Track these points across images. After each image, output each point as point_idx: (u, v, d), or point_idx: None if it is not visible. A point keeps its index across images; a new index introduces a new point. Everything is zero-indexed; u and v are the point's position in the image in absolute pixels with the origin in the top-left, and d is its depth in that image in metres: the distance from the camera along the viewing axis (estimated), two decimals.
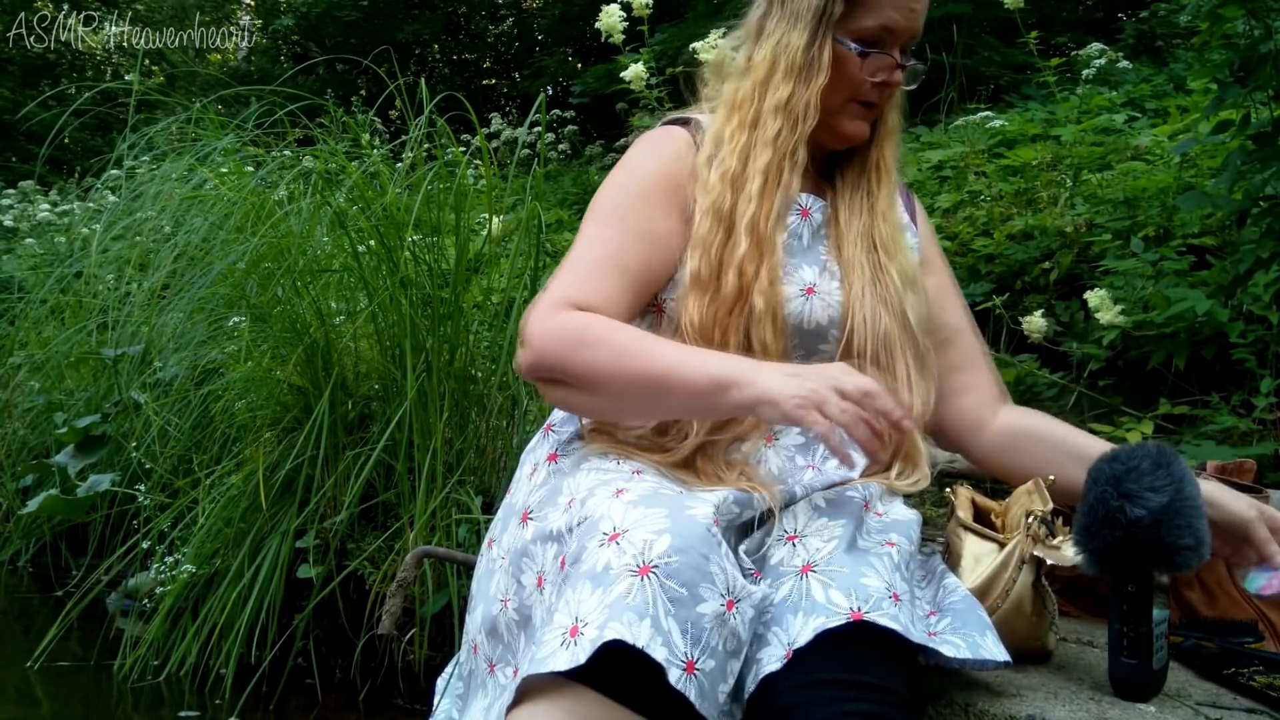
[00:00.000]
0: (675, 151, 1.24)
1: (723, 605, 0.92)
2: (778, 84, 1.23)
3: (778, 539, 1.07)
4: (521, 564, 1.06)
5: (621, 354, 1.09)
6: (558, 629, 0.90)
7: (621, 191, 1.23)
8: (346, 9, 9.23)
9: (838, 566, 1.00)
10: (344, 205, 2.37)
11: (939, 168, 3.58)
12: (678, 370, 1.08)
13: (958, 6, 5.45)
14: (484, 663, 1.09)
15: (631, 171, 1.24)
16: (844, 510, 1.10)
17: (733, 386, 1.05)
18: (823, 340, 1.22)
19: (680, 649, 0.88)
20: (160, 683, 2.08)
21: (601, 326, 1.12)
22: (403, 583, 1.60)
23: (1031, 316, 2.24)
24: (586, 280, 1.16)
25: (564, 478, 1.12)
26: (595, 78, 5.94)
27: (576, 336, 1.11)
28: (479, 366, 2.26)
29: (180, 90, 7.61)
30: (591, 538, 0.95)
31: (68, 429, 2.92)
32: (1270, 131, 1.92)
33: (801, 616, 0.96)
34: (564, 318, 1.13)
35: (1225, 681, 1.19)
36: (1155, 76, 4.45)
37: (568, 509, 1.04)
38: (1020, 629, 1.18)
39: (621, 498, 0.98)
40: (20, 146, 9.59)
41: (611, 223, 1.20)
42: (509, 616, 1.06)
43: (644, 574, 0.90)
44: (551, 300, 1.15)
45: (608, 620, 0.87)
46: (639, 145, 1.27)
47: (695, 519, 0.95)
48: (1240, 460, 1.53)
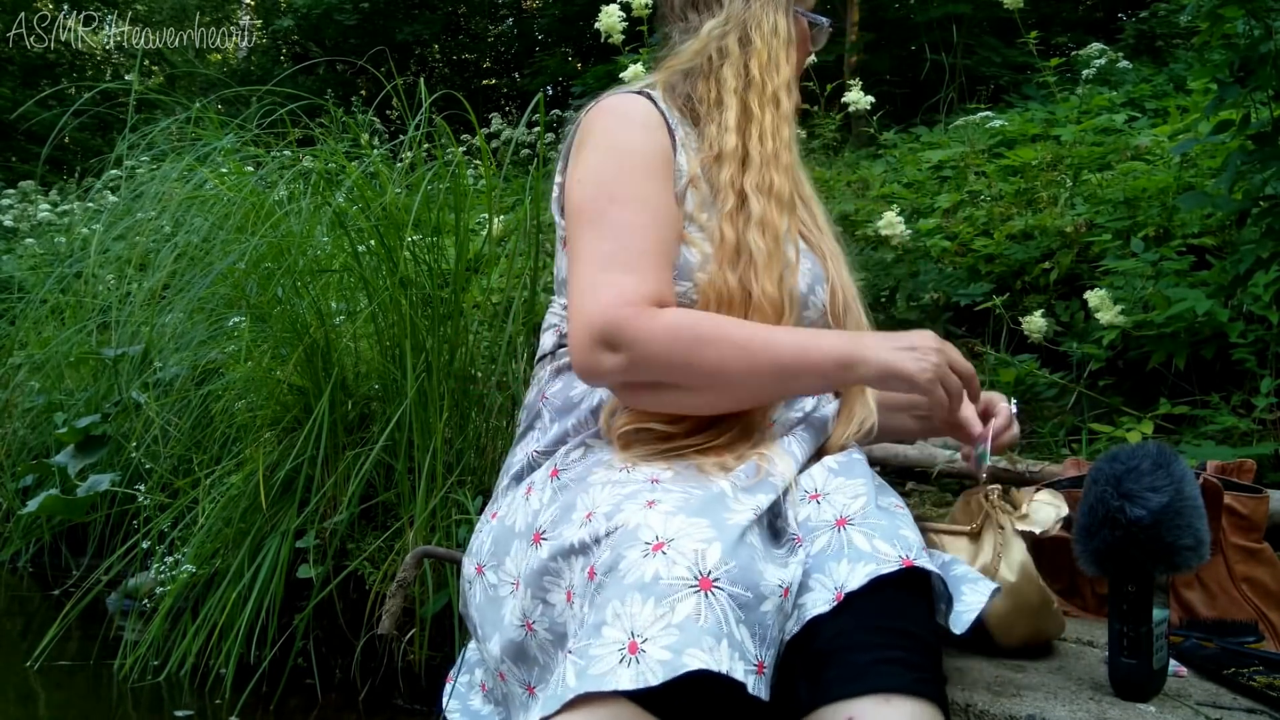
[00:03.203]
0: (652, 121, 1.22)
1: (780, 596, 0.94)
2: (780, 64, 1.26)
3: (800, 499, 1.09)
4: (544, 583, 1.03)
5: (741, 348, 1.09)
6: (611, 644, 0.88)
7: (631, 171, 1.18)
8: (346, 13, 9.23)
9: (875, 519, 1.03)
10: (344, 205, 2.37)
11: (939, 168, 3.58)
12: (803, 358, 1.09)
13: (958, 6, 5.46)
14: (518, 687, 1.07)
15: (624, 147, 1.20)
16: (857, 470, 1.12)
17: (858, 364, 1.08)
18: (804, 308, 1.24)
19: (752, 654, 0.90)
20: (160, 683, 2.08)
21: (711, 323, 1.11)
22: (403, 583, 1.60)
23: (1031, 316, 2.24)
24: (650, 273, 1.12)
25: (573, 493, 1.09)
26: (595, 78, 5.94)
27: (692, 335, 1.09)
28: (479, 366, 2.26)
29: (180, 90, 7.61)
30: (631, 547, 0.94)
31: (68, 429, 2.92)
32: (1270, 131, 1.92)
33: (847, 563, 0.98)
34: (669, 318, 1.09)
35: (1225, 681, 1.19)
36: (1155, 76, 4.46)
37: (586, 522, 1.01)
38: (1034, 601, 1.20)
39: (656, 509, 0.97)
40: (20, 146, 9.60)
41: (636, 205, 1.16)
42: (540, 638, 1.03)
43: (706, 589, 0.90)
44: (635, 298, 1.10)
45: (684, 646, 0.86)
46: (615, 118, 1.23)
47: (738, 524, 0.96)
48: (1240, 460, 1.54)
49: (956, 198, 3.11)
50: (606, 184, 1.18)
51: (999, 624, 1.23)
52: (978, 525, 1.27)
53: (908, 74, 6.09)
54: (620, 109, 1.23)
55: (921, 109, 4.58)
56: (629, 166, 1.19)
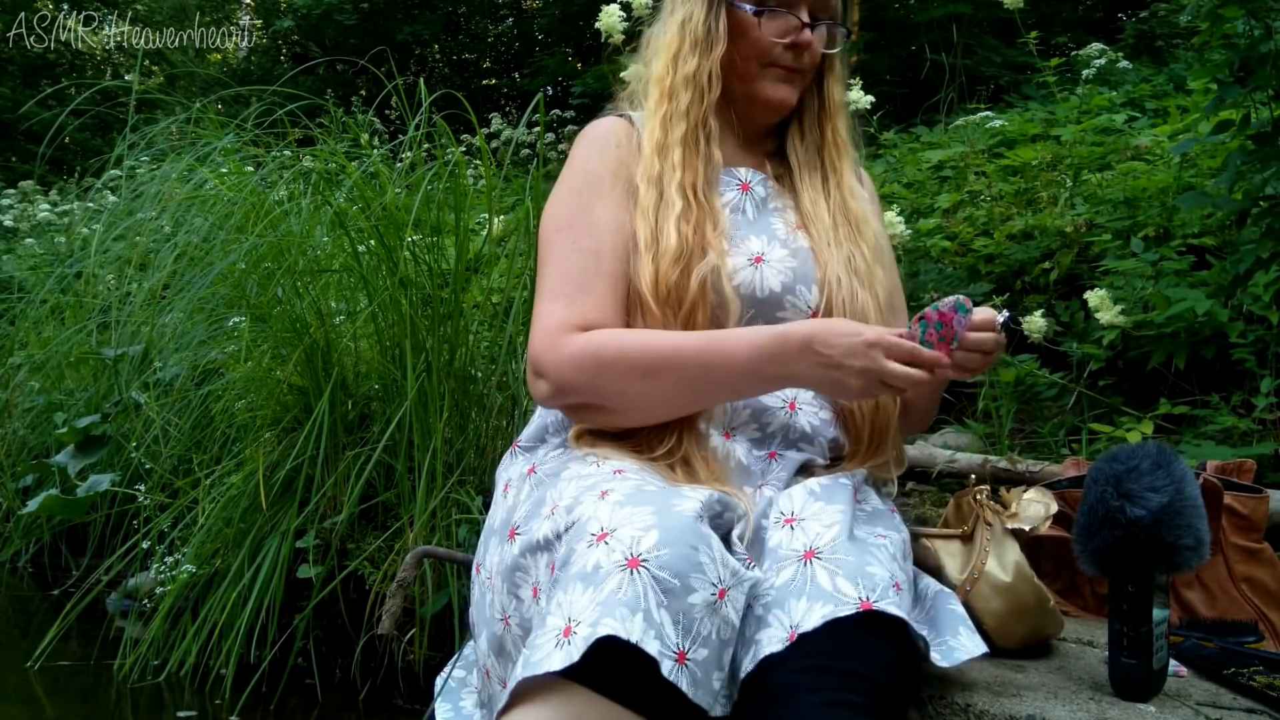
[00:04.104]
0: (614, 139, 1.26)
1: (714, 595, 0.92)
2: (685, 56, 1.26)
3: (775, 522, 1.08)
4: (515, 579, 1.05)
5: (644, 371, 1.10)
6: (551, 631, 0.90)
7: (577, 195, 1.23)
8: (346, 13, 9.23)
9: (843, 555, 1.01)
10: (344, 205, 2.37)
11: (939, 168, 3.57)
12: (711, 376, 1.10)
13: (958, 6, 5.46)
14: (498, 685, 1.09)
15: (580, 172, 1.25)
16: (839, 496, 1.10)
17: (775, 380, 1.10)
18: (778, 307, 1.22)
19: (672, 640, 0.89)
20: (160, 683, 2.08)
21: (613, 345, 1.12)
22: (403, 583, 1.60)
23: (1031, 316, 2.24)
24: (577, 297, 1.16)
25: (545, 488, 1.11)
26: (595, 78, 5.94)
27: (594, 362, 1.12)
28: (479, 366, 2.26)
29: (180, 90, 7.61)
30: (580, 540, 0.95)
31: (68, 429, 2.92)
32: (1270, 131, 1.92)
33: (806, 601, 0.96)
34: (576, 345, 1.13)
35: (1225, 681, 1.19)
36: (1155, 76, 4.46)
37: (551, 516, 1.03)
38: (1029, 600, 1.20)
39: (607, 499, 0.98)
40: (20, 146, 9.60)
41: (579, 229, 1.20)
42: (514, 634, 1.05)
43: (633, 567, 0.90)
44: (554, 327, 1.14)
45: (600, 617, 0.87)
46: (581, 145, 1.28)
47: (683, 513, 0.95)
48: (1240, 460, 1.54)
49: (956, 198, 3.11)
50: (556, 213, 1.23)
51: (996, 625, 1.23)
52: (969, 528, 1.27)
53: (908, 74, 6.09)
54: (585, 134, 1.29)
55: (921, 109, 4.58)
56: (577, 192, 1.23)
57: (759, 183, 1.30)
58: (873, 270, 1.26)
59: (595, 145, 1.26)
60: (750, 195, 1.28)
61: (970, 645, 1.08)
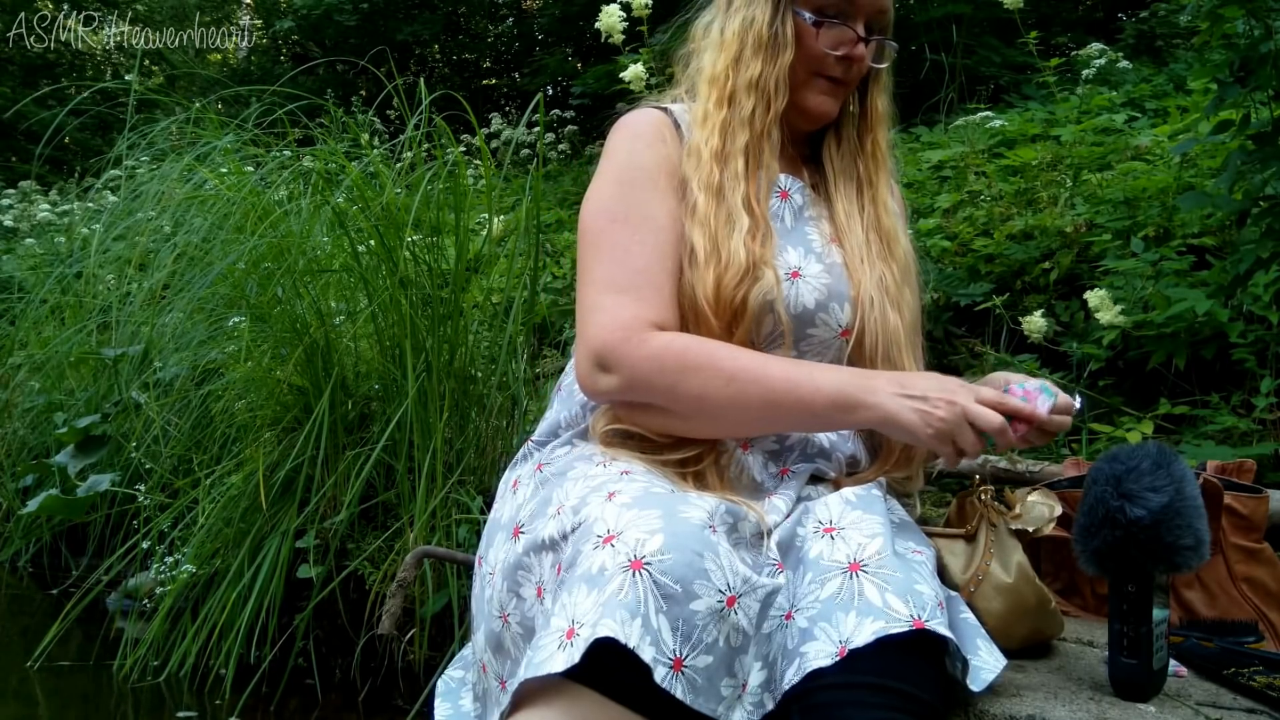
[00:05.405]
0: (660, 134, 1.24)
1: (720, 601, 0.91)
2: (748, 60, 1.23)
3: (814, 531, 1.07)
4: (518, 577, 1.05)
5: (730, 378, 1.09)
6: (555, 632, 0.89)
7: (629, 188, 1.20)
8: (346, 13, 9.22)
9: (890, 569, 1.00)
10: (343, 205, 2.37)
11: (939, 168, 3.57)
12: (795, 393, 1.08)
13: (958, 6, 5.45)
14: (494, 680, 1.08)
15: (628, 164, 1.22)
16: (874, 506, 1.10)
17: (856, 408, 1.07)
18: (810, 325, 1.21)
19: (669, 646, 0.88)
20: (160, 683, 2.08)
21: (701, 350, 1.11)
22: (403, 583, 1.60)
23: (1031, 316, 2.24)
24: (648, 292, 1.14)
25: (551, 487, 1.11)
26: (595, 78, 5.94)
27: (678, 363, 1.10)
28: (479, 366, 2.26)
29: (180, 90, 7.61)
30: (586, 541, 0.95)
31: (68, 429, 2.92)
32: (1270, 131, 1.91)
33: (856, 616, 0.95)
34: (659, 344, 1.11)
35: (1225, 681, 1.19)
36: (1155, 76, 4.45)
37: (557, 516, 1.03)
38: (1031, 601, 1.20)
39: (615, 500, 0.98)
40: (20, 146, 9.60)
41: (637, 223, 1.17)
42: (513, 631, 1.05)
43: (636, 569, 0.89)
44: (630, 321, 1.12)
45: (600, 618, 0.87)
46: (624, 136, 1.25)
47: (689, 519, 0.94)
48: (1240, 460, 1.54)
49: (956, 198, 3.11)
50: (607, 203, 1.20)
51: (997, 625, 1.23)
52: (973, 527, 1.27)
53: (908, 74, 6.10)
54: (627, 125, 1.25)
55: (921, 109, 4.58)
56: (629, 184, 1.20)
57: (797, 190, 1.27)
58: (901, 292, 1.25)
59: (642, 138, 1.23)
60: (789, 203, 1.26)
61: (992, 661, 1.07)
